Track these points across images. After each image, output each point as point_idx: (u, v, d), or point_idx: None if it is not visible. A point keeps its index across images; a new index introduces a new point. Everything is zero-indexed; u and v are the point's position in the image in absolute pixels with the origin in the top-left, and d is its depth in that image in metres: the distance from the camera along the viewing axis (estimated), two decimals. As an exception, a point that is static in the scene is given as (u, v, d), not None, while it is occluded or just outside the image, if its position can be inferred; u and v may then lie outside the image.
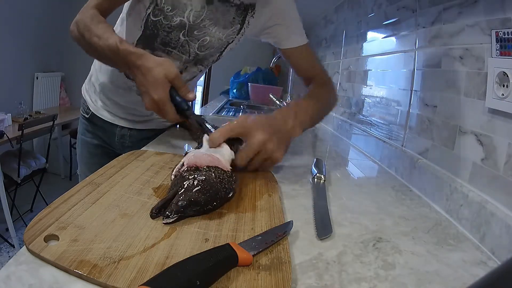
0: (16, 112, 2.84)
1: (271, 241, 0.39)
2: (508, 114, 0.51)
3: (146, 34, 0.81)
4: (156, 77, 0.62)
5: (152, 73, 0.62)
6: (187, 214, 0.44)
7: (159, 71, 0.62)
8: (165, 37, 0.80)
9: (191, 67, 0.87)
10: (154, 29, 0.79)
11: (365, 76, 1.19)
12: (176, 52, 0.82)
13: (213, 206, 0.46)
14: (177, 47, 0.81)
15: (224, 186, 0.49)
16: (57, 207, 0.42)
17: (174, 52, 0.82)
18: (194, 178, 0.47)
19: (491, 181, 0.53)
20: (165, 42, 0.80)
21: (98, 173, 0.55)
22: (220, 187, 0.48)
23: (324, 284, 0.36)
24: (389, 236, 0.48)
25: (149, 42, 0.81)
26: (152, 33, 0.80)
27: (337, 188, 0.67)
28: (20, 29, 3.02)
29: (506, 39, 0.51)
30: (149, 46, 0.81)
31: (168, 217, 0.42)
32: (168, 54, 0.82)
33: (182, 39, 0.80)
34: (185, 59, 0.84)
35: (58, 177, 3.46)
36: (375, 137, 1.00)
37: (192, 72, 0.90)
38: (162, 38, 0.80)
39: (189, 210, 0.43)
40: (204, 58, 0.86)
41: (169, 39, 0.80)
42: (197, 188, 0.45)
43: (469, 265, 0.43)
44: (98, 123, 1.00)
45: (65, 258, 0.32)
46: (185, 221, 0.43)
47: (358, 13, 1.34)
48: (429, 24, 0.77)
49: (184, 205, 0.43)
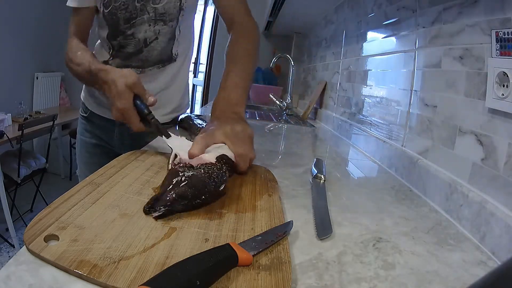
0: (16, 112, 2.84)
1: (271, 241, 0.39)
2: (508, 114, 0.51)
3: (111, 26, 0.88)
4: (119, 87, 0.65)
5: (116, 84, 0.66)
6: (175, 208, 0.45)
7: (121, 81, 0.66)
8: (125, 14, 0.86)
9: (158, 26, 0.89)
10: (113, 16, 0.86)
11: (365, 76, 1.19)
12: (139, 18, 0.87)
13: (202, 200, 0.47)
14: (137, 15, 0.86)
15: (213, 180, 0.49)
16: (57, 207, 0.42)
17: (137, 20, 0.87)
18: (183, 175, 0.48)
19: (491, 181, 0.53)
20: (127, 18, 0.86)
21: (98, 173, 0.55)
22: (208, 181, 0.49)
23: (324, 284, 0.36)
24: (389, 236, 0.48)
25: (115, 31, 0.88)
26: (114, 21, 0.86)
27: (337, 188, 0.67)
28: (20, 29, 3.02)
29: (506, 39, 0.51)
30: (117, 34, 0.88)
31: (156, 211, 0.43)
32: (134, 26, 0.87)
33: (137, 5, 0.85)
34: (148, 18, 0.87)
35: (58, 177, 3.46)
36: (375, 137, 1.00)
37: (163, 32, 0.90)
38: (124, 17, 0.86)
39: (177, 204, 0.44)
40: (164, 12, 0.88)
41: (130, 13, 0.86)
42: (184, 183, 0.47)
43: (469, 265, 0.43)
44: (96, 122, 1.00)
45: (65, 258, 0.32)
46: (185, 221, 0.43)
47: (358, 13, 1.34)
48: (429, 24, 0.77)
49: (171, 199, 0.44)
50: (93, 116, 1.00)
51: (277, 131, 1.36)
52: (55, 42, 3.29)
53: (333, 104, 1.56)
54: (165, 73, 0.96)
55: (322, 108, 1.75)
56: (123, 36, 0.89)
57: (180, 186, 0.46)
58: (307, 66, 2.38)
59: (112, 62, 0.93)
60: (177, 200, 0.44)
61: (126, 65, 0.92)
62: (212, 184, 0.49)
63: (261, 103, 2.39)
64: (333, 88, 1.61)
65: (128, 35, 0.88)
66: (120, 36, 0.89)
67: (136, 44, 0.90)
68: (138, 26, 0.87)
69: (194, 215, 0.45)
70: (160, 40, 0.91)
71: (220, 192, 0.50)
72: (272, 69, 2.76)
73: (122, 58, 0.92)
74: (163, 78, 0.96)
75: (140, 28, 0.88)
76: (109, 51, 0.93)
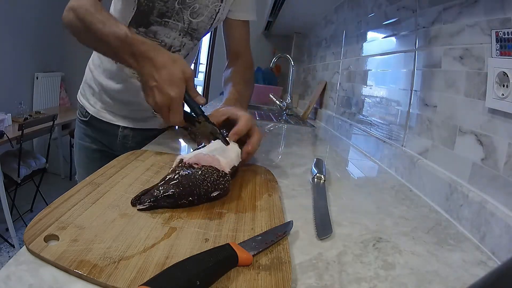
0: (16, 112, 2.84)
1: (271, 241, 0.39)
2: (508, 114, 0.51)
3: (140, 12, 0.82)
4: (173, 73, 0.59)
5: (169, 69, 0.59)
6: (160, 204, 0.45)
7: (177, 68, 0.60)
8: (162, 7, 0.82)
9: (186, 39, 0.89)
10: (149, 3, 0.81)
11: (365, 76, 1.19)
12: (172, 21, 0.84)
13: (188, 201, 0.47)
14: (172, 15, 0.84)
15: (206, 184, 0.48)
16: (57, 207, 0.42)
17: (170, 22, 0.85)
18: (178, 173, 0.48)
19: (491, 181, 0.53)
20: (162, 12, 0.83)
21: (98, 173, 0.55)
22: (200, 184, 0.48)
23: (324, 284, 0.36)
24: (389, 236, 0.48)
25: (143, 19, 0.83)
26: (148, 8, 0.82)
27: (337, 188, 0.67)
28: (20, 29, 3.02)
29: (506, 39, 0.51)
30: (143, 23, 0.84)
31: (141, 203, 0.44)
32: (165, 25, 0.85)
33: (177, 7, 0.83)
34: (181, 27, 0.86)
35: (58, 177, 3.46)
36: (375, 137, 1.00)
37: (187, 47, 0.91)
38: (159, 9, 0.82)
39: (162, 201, 0.45)
40: (197, 28, 0.88)
41: (166, 8, 0.82)
42: (175, 181, 0.47)
43: (469, 265, 0.43)
44: (97, 126, 0.98)
45: (65, 258, 0.32)
46: (185, 221, 0.43)
47: (358, 13, 1.34)
48: (429, 24, 0.77)
49: (157, 195, 0.45)
50: (94, 120, 0.97)
51: (277, 131, 1.36)
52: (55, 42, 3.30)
53: (333, 104, 1.56)
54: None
55: (322, 108, 1.75)
56: (146, 30, 0.84)
57: (169, 184, 0.47)
58: (307, 66, 2.38)
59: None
60: (162, 197, 0.45)
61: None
62: (203, 188, 0.48)
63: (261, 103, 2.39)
64: (333, 88, 1.61)
65: (152, 31, 0.85)
66: (142, 28, 0.83)
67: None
68: (170, 29, 0.86)
69: (194, 215, 0.45)
70: (182, 54, 0.91)
71: (210, 198, 0.49)
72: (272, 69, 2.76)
73: None
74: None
75: (170, 33, 0.86)
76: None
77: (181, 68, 0.60)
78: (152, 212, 0.44)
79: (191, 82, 0.62)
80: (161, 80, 0.59)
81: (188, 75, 0.61)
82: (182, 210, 0.46)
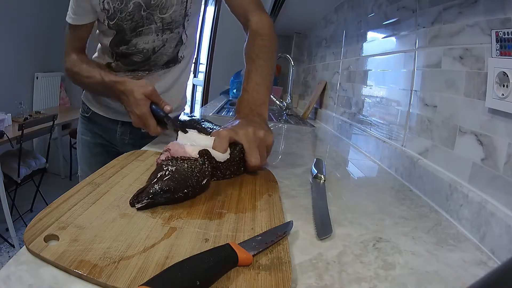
0: (16, 112, 2.84)
1: (271, 241, 0.39)
2: (508, 114, 0.51)
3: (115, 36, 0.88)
4: (137, 97, 0.71)
5: (133, 94, 0.71)
6: (157, 200, 0.46)
7: (139, 91, 0.71)
8: (131, 24, 0.86)
9: (166, 35, 0.89)
10: (119, 27, 0.86)
11: (365, 76, 1.19)
12: (145, 28, 0.87)
13: (184, 194, 0.48)
14: (143, 24, 0.86)
15: (195, 175, 0.51)
16: (57, 207, 0.42)
17: (144, 29, 0.87)
18: (167, 169, 0.50)
19: (491, 181, 0.53)
20: (133, 28, 0.86)
21: (98, 173, 0.55)
22: (190, 175, 0.50)
23: (324, 284, 0.36)
24: (389, 236, 0.48)
25: (121, 39, 0.88)
26: (120, 31, 0.86)
27: (337, 188, 0.67)
28: (20, 29, 3.02)
29: (506, 39, 0.51)
30: (122, 43, 0.88)
31: (139, 202, 0.45)
32: (140, 35, 0.87)
33: (143, 14, 0.85)
34: (155, 28, 0.87)
35: (58, 177, 3.46)
36: (375, 137, 1.00)
37: (172, 39, 0.91)
38: (130, 27, 0.86)
39: (159, 196, 0.46)
40: (171, 21, 0.88)
41: (136, 23, 0.86)
42: (168, 177, 0.48)
43: (469, 265, 0.43)
44: (98, 121, 1.01)
45: (65, 258, 0.32)
46: (185, 221, 0.43)
47: (358, 13, 1.34)
48: (429, 24, 0.77)
49: (154, 191, 0.46)
50: (95, 116, 1.01)
51: (277, 131, 1.36)
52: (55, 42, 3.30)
53: (333, 104, 1.56)
54: (170, 75, 0.97)
55: (322, 108, 1.75)
56: (127, 46, 0.89)
57: (163, 179, 0.47)
58: (307, 66, 2.38)
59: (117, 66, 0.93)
60: (159, 193, 0.46)
61: (133, 69, 0.92)
62: (194, 179, 0.50)
63: (261, 103, 2.38)
64: (333, 88, 1.61)
65: (132, 45, 0.88)
66: (123, 46, 0.89)
67: (144, 54, 0.90)
68: (145, 35, 0.87)
69: (194, 215, 0.45)
70: (168, 46, 0.91)
71: (202, 186, 0.52)
72: (272, 69, 2.75)
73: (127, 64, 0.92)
74: (168, 79, 0.97)
75: (147, 38, 0.87)
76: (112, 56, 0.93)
77: (141, 90, 0.71)
78: (152, 212, 0.44)
79: (154, 97, 0.72)
80: (129, 105, 0.73)
81: (148, 93, 0.71)
82: (182, 210, 0.46)
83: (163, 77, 0.96)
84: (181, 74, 1.00)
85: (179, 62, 0.97)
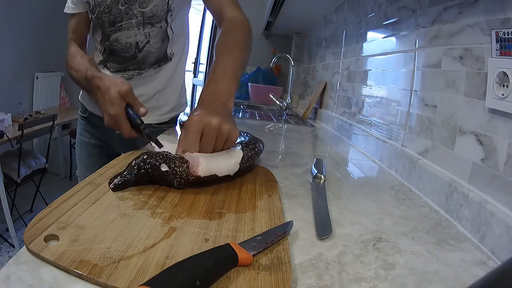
0: (16, 112, 2.84)
1: (271, 241, 0.39)
2: (508, 114, 0.51)
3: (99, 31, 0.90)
4: (112, 95, 0.67)
5: (109, 92, 0.67)
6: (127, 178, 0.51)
7: (114, 89, 0.67)
8: (109, 17, 0.86)
9: (147, 29, 0.89)
10: (99, 20, 0.87)
11: (365, 76, 1.19)
12: (124, 22, 0.87)
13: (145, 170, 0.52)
14: (122, 18, 0.87)
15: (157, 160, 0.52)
16: (57, 207, 0.42)
17: (123, 24, 0.87)
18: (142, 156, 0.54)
19: (491, 181, 0.53)
20: (111, 21, 0.87)
21: (98, 173, 0.55)
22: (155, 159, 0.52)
23: (324, 284, 0.36)
24: (389, 236, 0.48)
25: (104, 35, 0.89)
26: (100, 25, 0.87)
27: (337, 188, 0.67)
28: (20, 29, 3.02)
29: (506, 39, 0.51)
30: (105, 38, 0.89)
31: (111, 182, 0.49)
32: (120, 29, 0.88)
33: (122, 8, 0.85)
34: (135, 22, 0.88)
35: (58, 177, 3.46)
36: (375, 137, 1.00)
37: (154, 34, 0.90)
38: (108, 20, 0.86)
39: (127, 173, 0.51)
40: (152, 15, 0.88)
41: (114, 17, 0.86)
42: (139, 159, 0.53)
43: (469, 265, 0.43)
44: (96, 122, 1.01)
45: (65, 258, 0.32)
46: (185, 221, 0.43)
47: (358, 13, 1.34)
48: (429, 24, 0.77)
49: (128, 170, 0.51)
50: (92, 116, 1.01)
51: (277, 131, 1.36)
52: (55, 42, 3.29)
53: (333, 104, 1.56)
54: (162, 74, 0.96)
55: (322, 108, 1.75)
56: (109, 42, 0.89)
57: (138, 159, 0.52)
58: (307, 66, 2.38)
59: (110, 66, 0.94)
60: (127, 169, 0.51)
61: (124, 68, 0.93)
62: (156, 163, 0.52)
63: (261, 103, 2.39)
64: (333, 88, 1.61)
65: (114, 40, 0.89)
66: (107, 42, 0.90)
67: (128, 49, 0.90)
68: (126, 30, 0.88)
69: (194, 215, 0.45)
70: (153, 42, 0.91)
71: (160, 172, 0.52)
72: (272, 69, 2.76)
73: (118, 62, 0.92)
74: (160, 78, 0.97)
75: (129, 33, 0.88)
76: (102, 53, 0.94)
77: (117, 88, 0.67)
78: (152, 212, 0.44)
79: (129, 97, 0.68)
80: (104, 103, 0.68)
81: (123, 92, 0.67)
82: (182, 210, 0.46)
83: (155, 77, 0.96)
84: (174, 72, 0.99)
85: (170, 60, 0.96)
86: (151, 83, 0.95)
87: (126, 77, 0.93)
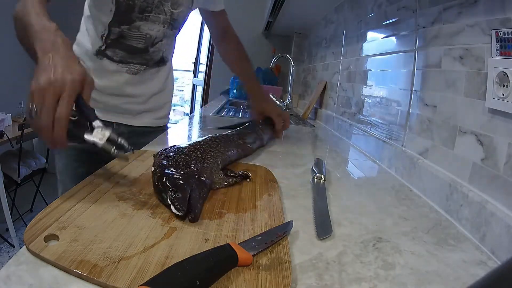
0: (16, 112, 2.84)
1: (271, 241, 0.39)
2: (508, 114, 0.51)
3: (120, 11, 0.84)
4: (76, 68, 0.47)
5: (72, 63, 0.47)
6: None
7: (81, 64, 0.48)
8: (142, 4, 0.84)
9: (168, 29, 0.91)
10: (129, 1, 0.83)
11: (365, 76, 1.19)
12: (153, 14, 0.87)
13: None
14: (153, 9, 0.86)
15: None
16: (57, 207, 0.42)
17: (152, 15, 0.87)
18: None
19: (491, 181, 0.53)
20: (142, 8, 0.85)
21: (98, 173, 0.55)
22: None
23: (324, 284, 0.36)
24: (389, 236, 0.48)
25: (125, 17, 0.85)
26: (128, 6, 0.84)
27: (337, 188, 0.67)
28: (20, 29, 3.01)
29: (506, 39, 0.51)
30: (125, 21, 0.86)
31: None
32: (146, 19, 0.87)
33: (156, 1, 0.85)
34: (163, 18, 0.88)
35: (58, 177, 3.45)
36: (375, 137, 1.00)
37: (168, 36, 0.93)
38: (140, 6, 0.84)
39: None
40: (177, 18, 0.91)
41: (147, 4, 0.85)
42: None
43: (469, 265, 0.43)
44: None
45: (65, 258, 0.32)
46: (185, 221, 0.43)
47: (358, 13, 1.34)
48: (429, 24, 0.77)
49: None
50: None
51: (277, 131, 1.36)
52: (55, 42, 3.29)
53: (333, 104, 1.56)
54: (160, 75, 0.98)
55: (322, 108, 1.75)
56: (129, 27, 0.85)
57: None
58: (307, 66, 2.38)
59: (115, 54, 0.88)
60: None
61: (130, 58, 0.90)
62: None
63: (261, 103, 2.38)
64: (333, 88, 1.61)
65: (135, 27, 0.85)
66: (124, 26, 0.84)
67: (146, 40, 0.89)
68: (152, 22, 0.87)
69: (194, 215, 0.45)
70: (165, 43, 0.93)
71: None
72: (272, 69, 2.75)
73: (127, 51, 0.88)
74: (159, 79, 0.98)
75: (153, 26, 0.88)
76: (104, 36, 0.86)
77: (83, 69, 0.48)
78: (152, 212, 0.44)
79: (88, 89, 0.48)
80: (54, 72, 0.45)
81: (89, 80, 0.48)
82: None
83: (155, 77, 0.97)
84: (168, 77, 1.03)
85: (165, 64, 0.99)
86: (150, 83, 0.95)
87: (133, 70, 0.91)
